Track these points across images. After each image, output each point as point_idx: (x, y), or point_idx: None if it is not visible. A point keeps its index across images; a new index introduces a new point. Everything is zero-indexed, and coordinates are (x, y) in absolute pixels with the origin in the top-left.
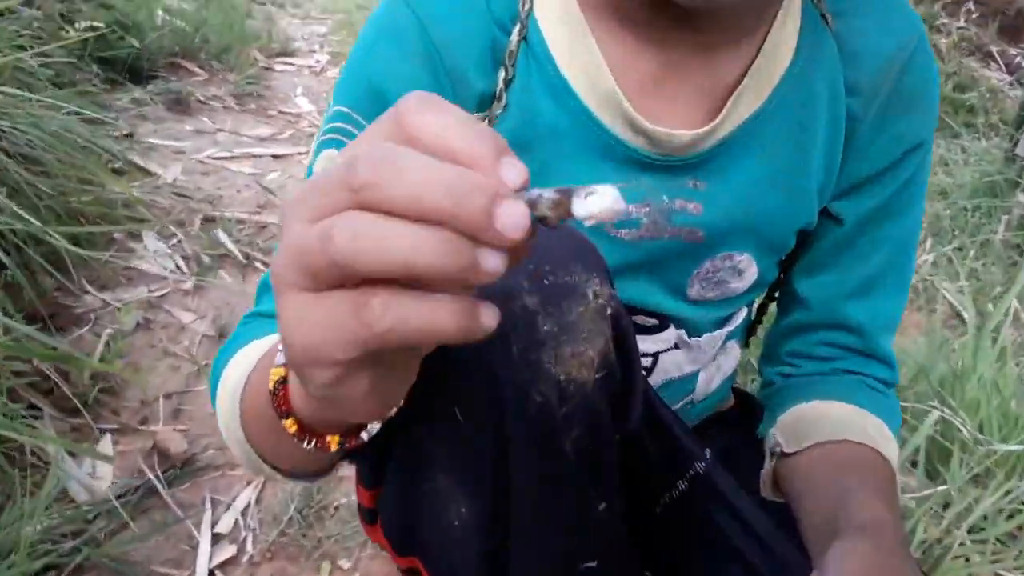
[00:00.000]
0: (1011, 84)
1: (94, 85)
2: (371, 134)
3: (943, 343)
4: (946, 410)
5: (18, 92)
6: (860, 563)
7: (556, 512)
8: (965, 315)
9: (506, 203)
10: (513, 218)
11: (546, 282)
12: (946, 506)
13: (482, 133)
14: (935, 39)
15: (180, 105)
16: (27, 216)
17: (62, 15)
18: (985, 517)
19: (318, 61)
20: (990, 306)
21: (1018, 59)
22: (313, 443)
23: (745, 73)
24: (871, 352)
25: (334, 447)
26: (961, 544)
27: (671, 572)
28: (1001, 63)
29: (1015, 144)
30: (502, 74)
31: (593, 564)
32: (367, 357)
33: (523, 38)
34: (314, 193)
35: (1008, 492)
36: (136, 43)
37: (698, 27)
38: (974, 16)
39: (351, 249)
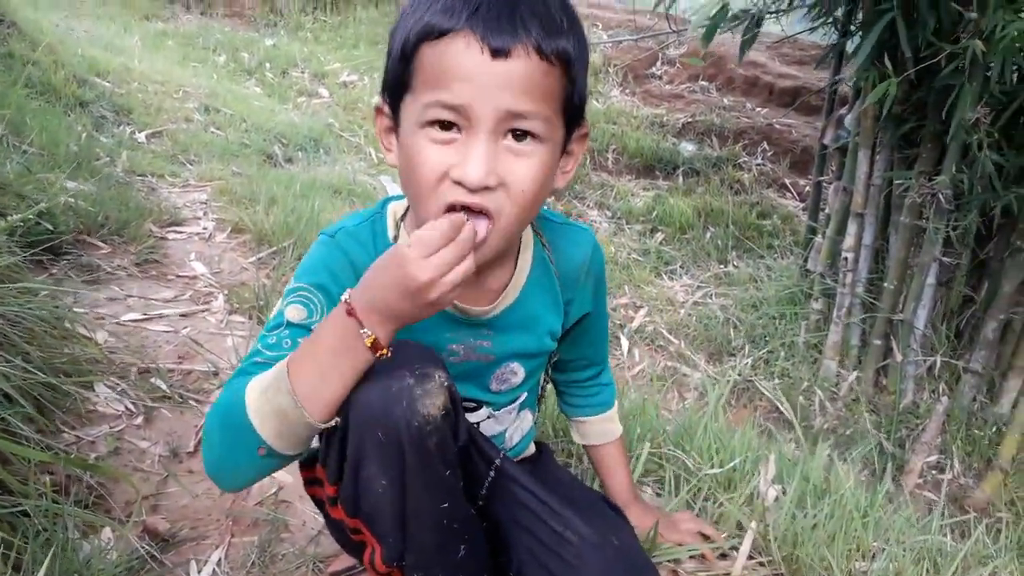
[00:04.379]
0: (802, 210)
1: (28, 268)
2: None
3: (691, 417)
4: (679, 451)
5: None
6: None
7: (432, 482)
8: (781, 407)
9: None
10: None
11: (417, 372)
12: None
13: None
14: (738, 175)
15: (92, 276)
16: (14, 373)
17: None
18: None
19: (205, 228)
20: (801, 399)
21: (806, 188)
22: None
23: (509, 280)
24: (600, 374)
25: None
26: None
27: (493, 533)
28: (794, 192)
29: (806, 260)
30: None
31: (458, 525)
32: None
33: None
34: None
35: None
36: (51, 227)
37: None
38: (769, 154)
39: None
